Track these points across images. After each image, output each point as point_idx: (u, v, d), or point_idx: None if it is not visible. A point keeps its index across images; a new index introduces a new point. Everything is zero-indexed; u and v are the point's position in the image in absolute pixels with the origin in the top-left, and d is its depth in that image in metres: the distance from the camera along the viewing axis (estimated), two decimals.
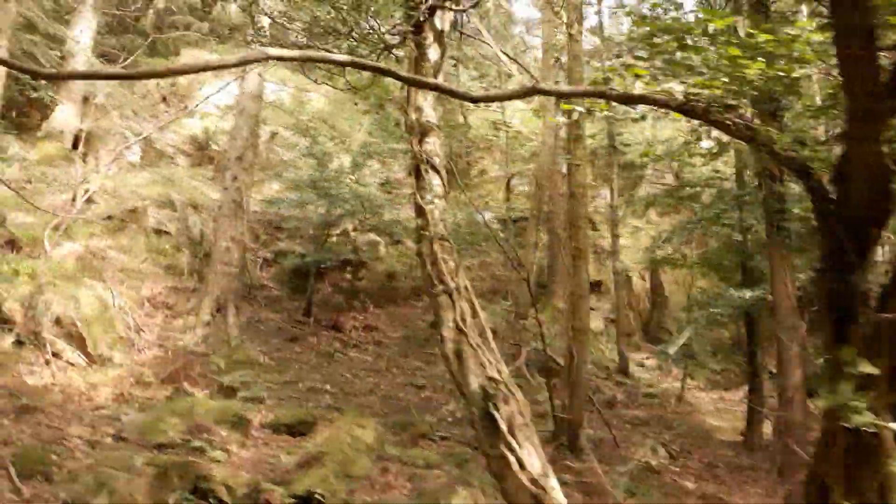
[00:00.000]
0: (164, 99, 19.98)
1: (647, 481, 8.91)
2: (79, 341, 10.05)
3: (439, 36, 5.49)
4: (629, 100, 2.79)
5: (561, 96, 2.92)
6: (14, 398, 8.34)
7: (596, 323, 16.16)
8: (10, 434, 7.55)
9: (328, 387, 10.29)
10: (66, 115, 16.06)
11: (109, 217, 13.40)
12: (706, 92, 2.69)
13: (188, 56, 21.43)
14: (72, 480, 6.69)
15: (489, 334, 4.82)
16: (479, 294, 14.51)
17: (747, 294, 9.04)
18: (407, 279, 14.73)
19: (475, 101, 3.02)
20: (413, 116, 5.28)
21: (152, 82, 20.07)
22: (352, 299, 13.92)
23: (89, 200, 13.85)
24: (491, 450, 4.27)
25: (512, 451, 4.14)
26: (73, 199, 11.19)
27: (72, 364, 9.72)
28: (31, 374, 9.25)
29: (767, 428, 10.94)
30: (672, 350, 9.12)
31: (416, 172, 5.22)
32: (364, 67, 3.05)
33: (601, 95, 2.80)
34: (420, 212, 5.13)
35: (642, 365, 15.00)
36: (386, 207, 13.64)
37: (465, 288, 4.94)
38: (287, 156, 18.04)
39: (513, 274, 14.75)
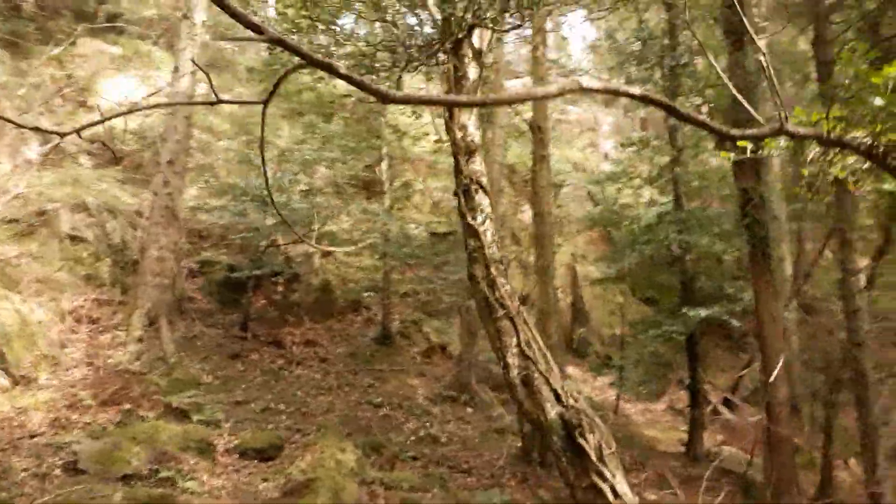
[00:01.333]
0: (60, 90, 18.36)
1: None
2: None
3: (478, 54, 5.37)
4: (839, 143, 2.83)
5: (801, 138, 2.88)
6: None
7: None
8: None
9: (282, 406, 9.77)
10: None
11: (14, 220, 12.09)
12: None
13: (86, 47, 19.90)
14: None
15: (551, 359, 4.72)
16: (423, 309, 14.35)
17: (703, 313, 9.51)
18: (341, 292, 14.30)
19: (731, 138, 2.94)
20: (458, 134, 5.11)
21: (47, 72, 18.43)
22: (286, 313, 13.32)
23: None
24: (577, 480, 4.17)
25: (605, 479, 4.08)
26: None
27: None
28: None
29: (707, 440, 11.53)
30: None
31: (465, 193, 5.04)
32: (654, 103, 2.88)
33: (838, 143, 2.81)
34: (473, 233, 4.95)
35: (569, 377, 15.36)
36: (324, 219, 13.17)
37: (522, 312, 4.82)
38: (204, 160, 17.09)
39: (452, 290, 14.70)
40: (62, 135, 2.29)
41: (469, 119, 5.17)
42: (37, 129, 3.56)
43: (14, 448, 7.48)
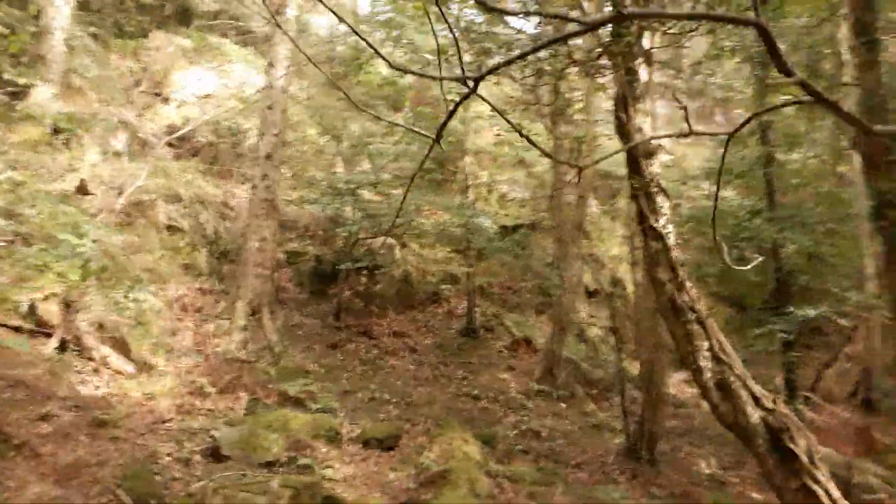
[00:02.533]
0: (138, 83, 18.73)
1: (721, 493, 9.14)
2: (122, 347, 9.29)
3: (648, 56, 5.42)
4: None
5: None
6: (81, 411, 7.59)
7: (596, 331, 16.46)
8: (96, 452, 6.90)
9: (387, 396, 9.96)
10: (44, 98, 14.75)
11: (111, 211, 12.42)
12: None
13: (159, 39, 20.23)
14: None
15: (740, 363, 4.78)
16: (499, 303, 14.44)
17: (811, 312, 9.48)
18: (421, 284, 14.46)
19: None
20: (636, 137, 5.17)
21: (125, 64, 18.84)
22: (370, 304, 13.53)
23: (84, 192, 12.84)
24: (786, 482, 4.24)
25: (818, 482, 4.14)
26: (120, 192, 10.27)
27: (119, 372, 8.95)
28: (82, 384, 8.45)
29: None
30: None
31: (646, 195, 5.10)
32: None
33: None
34: (656, 235, 5.00)
35: None
36: (412, 213, 13.28)
37: (709, 316, 4.87)
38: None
39: (529, 283, 14.80)
40: (580, 168, 2.39)
41: (645, 121, 5.23)
42: (560, 162, 3.66)
43: (151, 433, 7.75)
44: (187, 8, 22.31)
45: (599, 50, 5.57)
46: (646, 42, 5.55)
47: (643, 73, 5.44)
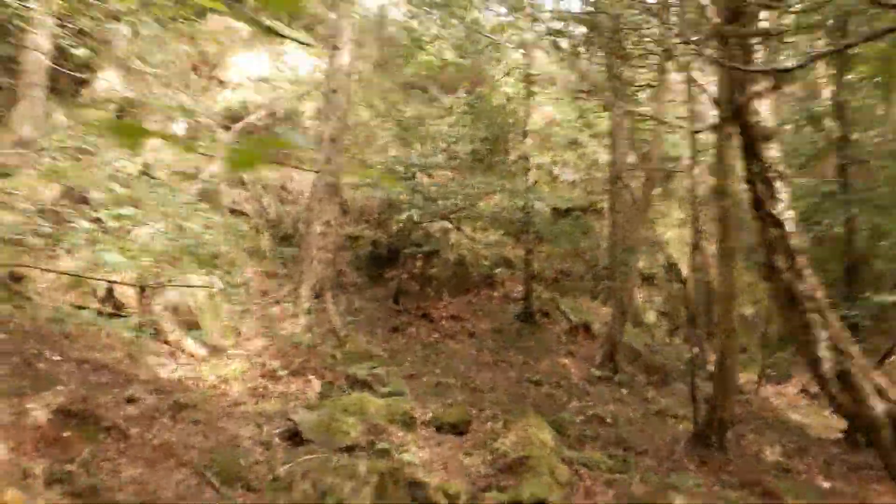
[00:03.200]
0: (195, 68, 18.94)
1: (789, 480, 9.00)
2: (195, 330, 9.47)
3: (765, 34, 5.26)
4: None
5: None
6: (162, 394, 7.78)
7: (649, 315, 16.31)
8: (180, 435, 7.05)
9: (451, 381, 10.01)
10: (110, 82, 15.04)
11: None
12: None
13: (215, 23, 20.37)
14: (283, 488, 6.29)
15: (861, 354, 4.67)
16: (555, 288, 14.35)
17: (889, 298, 9.23)
18: (475, 267, 14.45)
19: None
20: (752, 121, 5.04)
21: (182, 49, 19.01)
22: (425, 287, 13.58)
23: (148, 176, 13.06)
24: None
25: None
26: (196, 176, 10.44)
27: (192, 355, 9.15)
28: (160, 367, 8.66)
29: None
30: None
31: (765, 180, 4.97)
32: None
33: None
34: (774, 222, 4.88)
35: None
36: (474, 197, 13.23)
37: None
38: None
39: (583, 270, 14.70)
40: None
41: (762, 105, 5.10)
42: None
43: (229, 416, 7.91)
44: None
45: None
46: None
47: (758, 48, 5.29)
